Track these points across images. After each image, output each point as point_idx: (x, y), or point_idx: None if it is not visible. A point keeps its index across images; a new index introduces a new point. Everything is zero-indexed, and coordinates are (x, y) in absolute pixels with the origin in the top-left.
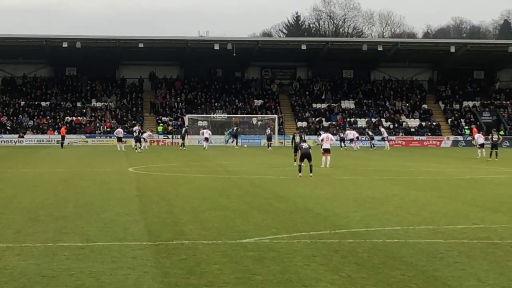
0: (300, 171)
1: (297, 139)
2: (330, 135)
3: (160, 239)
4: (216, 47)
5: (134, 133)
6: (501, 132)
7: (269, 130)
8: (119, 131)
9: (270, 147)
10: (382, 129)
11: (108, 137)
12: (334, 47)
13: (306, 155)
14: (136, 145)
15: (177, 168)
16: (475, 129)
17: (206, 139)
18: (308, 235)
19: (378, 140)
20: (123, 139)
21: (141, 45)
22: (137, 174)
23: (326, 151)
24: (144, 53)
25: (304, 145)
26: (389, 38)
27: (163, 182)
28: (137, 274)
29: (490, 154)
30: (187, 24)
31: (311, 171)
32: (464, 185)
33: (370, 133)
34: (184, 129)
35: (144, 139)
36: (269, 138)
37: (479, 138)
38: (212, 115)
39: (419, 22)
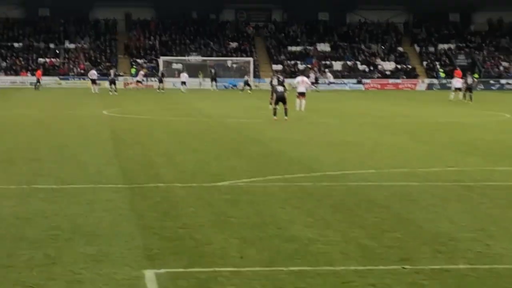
0: (275, 114)
1: (274, 81)
2: (305, 78)
3: (135, 182)
4: None
5: (109, 76)
6: (476, 75)
7: (246, 77)
8: (93, 73)
9: (250, 91)
10: (329, 74)
11: (82, 79)
12: None
13: (280, 98)
14: (111, 88)
15: (152, 112)
16: (459, 72)
17: (183, 82)
18: (282, 178)
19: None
20: (97, 81)
21: None
22: (111, 117)
23: (301, 94)
24: None
25: (279, 88)
26: None
27: (138, 125)
28: (112, 216)
29: (465, 97)
30: None
31: (286, 114)
32: (439, 128)
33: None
34: (161, 71)
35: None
36: (246, 83)
37: (457, 81)
38: (186, 57)
39: None
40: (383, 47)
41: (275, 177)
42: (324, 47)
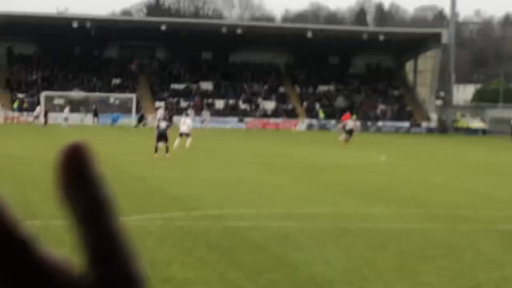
0: (156, 151)
1: (158, 115)
2: (188, 120)
3: None
4: (75, 25)
5: None
6: (354, 117)
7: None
8: None
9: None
10: (204, 111)
11: None
12: (193, 29)
13: (162, 135)
14: None
15: (31, 147)
16: (348, 115)
17: (66, 118)
18: (161, 217)
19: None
20: None
21: None
22: None
23: (185, 134)
24: (1, 28)
25: (162, 124)
26: (248, 22)
27: (15, 162)
28: None
29: (346, 139)
30: (45, 0)
31: (167, 151)
32: (317, 169)
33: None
34: (40, 107)
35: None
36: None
37: (348, 123)
38: (69, 92)
39: (279, 6)
40: (265, 87)
41: (153, 216)
42: (207, 85)
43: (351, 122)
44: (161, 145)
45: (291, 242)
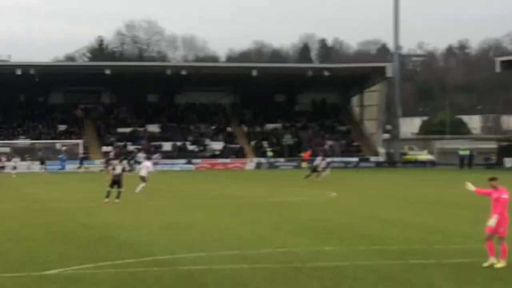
0: (107, 196)
1: (114, 161)
2: (148, 163)
3: None
4: (19, 72)
5: None
6: (302, 154)
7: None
8: None
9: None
10: (140, 154)
11: None
12: (138, 71)
13: (116, 181)
14: None
15: None
16: (308, 153)
17: (14, 167)
18: (113, 264)
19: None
20: None
21: None
22: None
23: (142, 177)
24: None
25: (117, 169)
26: (193, 62)
27: None
28: None
29: (308, 176)
30: None
31: (117, 197)
32: (267, 209)
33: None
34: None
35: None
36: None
37: (323, 161)
38: (14, 141)
39: (222, 46)
40: (212, 127)
41: (105, 263)
42: (153, 128)
43: (318, 160)
44: (113, 190)
45: (245, 285)
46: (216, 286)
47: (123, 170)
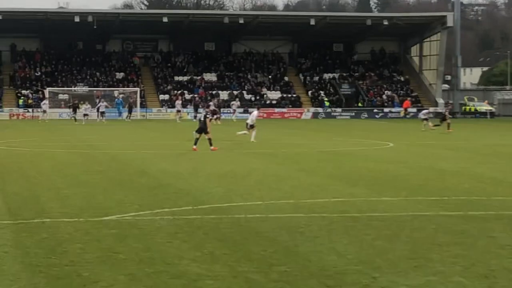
0: (195, 143)
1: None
2: (255, 112)
3: (21, 218)
4: (77, 19)
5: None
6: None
7: (131, 100)
8: None
9: (128, 119)
10: (234, 102)
11: None
12: (195, 20)
13: (200, 128)
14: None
15: (38, 143)
16: (408, 102)
17: (102, 113)
18: (170, 211)
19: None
20: None
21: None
22: None
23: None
24: (3, 25)
25: (201, 116)
26: (250, 11)
27: (23, 158)
28: None
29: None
30: None
31: (210, 144)
32: (324, 158)
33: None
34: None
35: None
36: (130, 110)
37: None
38: (73, 88)
39: None
40: (269, 77)
41: (162, 210)
42: (210, 76)
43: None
44: (198, 136)
45: (301, 233)
46: (272, 234)
47: (205, 117)
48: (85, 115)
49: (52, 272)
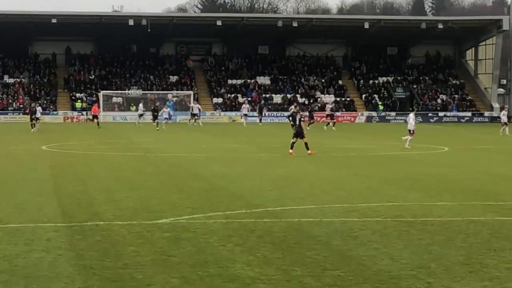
0: (292, 147)
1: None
2: (411, 115)
3: (75, 220)
4: (131, 22)
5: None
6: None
7: (195, 104)
8: (39, 110)
9: (195, 122)
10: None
11: (21, 113)
12: (249, 23)
13: (297, 132)
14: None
15: (92, 146)
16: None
17: (193, 115)
18: (223, 215)
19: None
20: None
21: (54, 20)
22: (50, 152)
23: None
24: (58, 28)
25: (296, 121)
26: (304, 14)
27: (77, 161)
28: (52, 256)
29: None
30: None
31: (307, 148)
32: (378, 162)
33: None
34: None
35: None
36: (193, 114)
37: (503, 115)
38: (127, 91)
39: None
40: (323, 80)
41: (216, 214)
42: (264, 80)
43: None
44: (295, 140)
45: (355, 237)
46: (326, 238)
47: (300, 120)
48: (165, 118)
49: (106, 274)
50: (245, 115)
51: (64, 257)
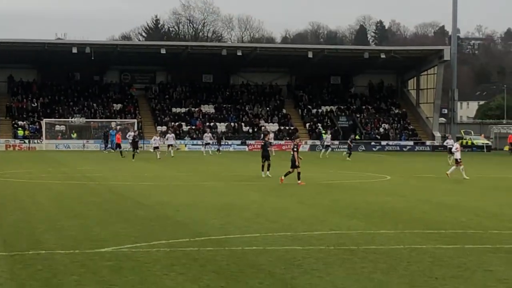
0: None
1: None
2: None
3: (16, 249)
4: (74, 50)
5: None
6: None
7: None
8: None
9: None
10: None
11: None
12: (193, 52)
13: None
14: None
15: (33, 175)
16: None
17: (170, 145)
18: (167, 243)
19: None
20: None
21: None
22: None
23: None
24: (1, 55)
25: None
26: (248, 43)
27: (19, 190)
28: None
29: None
30: (43, 27)
31: (298, 178)
32: (322, 191)
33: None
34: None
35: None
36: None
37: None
38: (70, 119)
39: (278, 27)
40: (267, 109)
41: (159, 242)
42: (208, 108)
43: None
44: (291, 170)
45: (298, 266)
46: (269, 266)
47: (294, 150)
48: (155, 148)
49: None
50: (207, 144)
51: (5, 287)
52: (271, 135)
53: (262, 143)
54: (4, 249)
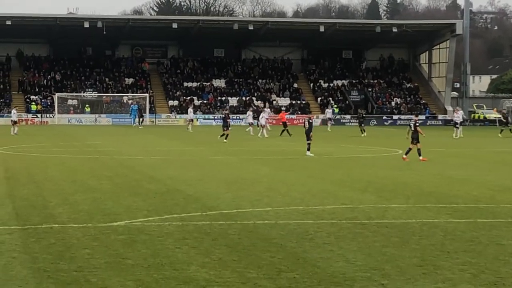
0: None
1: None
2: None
3: (29, 223)
4: (86, 25)
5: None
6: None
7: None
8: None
9: (140, 125)
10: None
11: None
12: (205, 26)
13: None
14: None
15: (46, 149)
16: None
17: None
18: (179, 217)
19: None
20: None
21: (8, 22)
22: (5, 155)
23: None
24: (12, 30)
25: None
26: (260, 17)
27: (32, 164)
28: (5, 260)
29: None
30: (55, 1)
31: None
32: (333, 165)
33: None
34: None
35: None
36: (141, 115)
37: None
38: (82, 93)
39: (289, 2)
40: (278, 83)
41: (171, 216)
42: (219, 83)
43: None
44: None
45: (310, 239)
46: (281, 240)
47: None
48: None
49: (60, 277)
50: (251, 123)
51: (18, 260)
52: (267, 110)
53: (223, 116)
54: (17, 223)
